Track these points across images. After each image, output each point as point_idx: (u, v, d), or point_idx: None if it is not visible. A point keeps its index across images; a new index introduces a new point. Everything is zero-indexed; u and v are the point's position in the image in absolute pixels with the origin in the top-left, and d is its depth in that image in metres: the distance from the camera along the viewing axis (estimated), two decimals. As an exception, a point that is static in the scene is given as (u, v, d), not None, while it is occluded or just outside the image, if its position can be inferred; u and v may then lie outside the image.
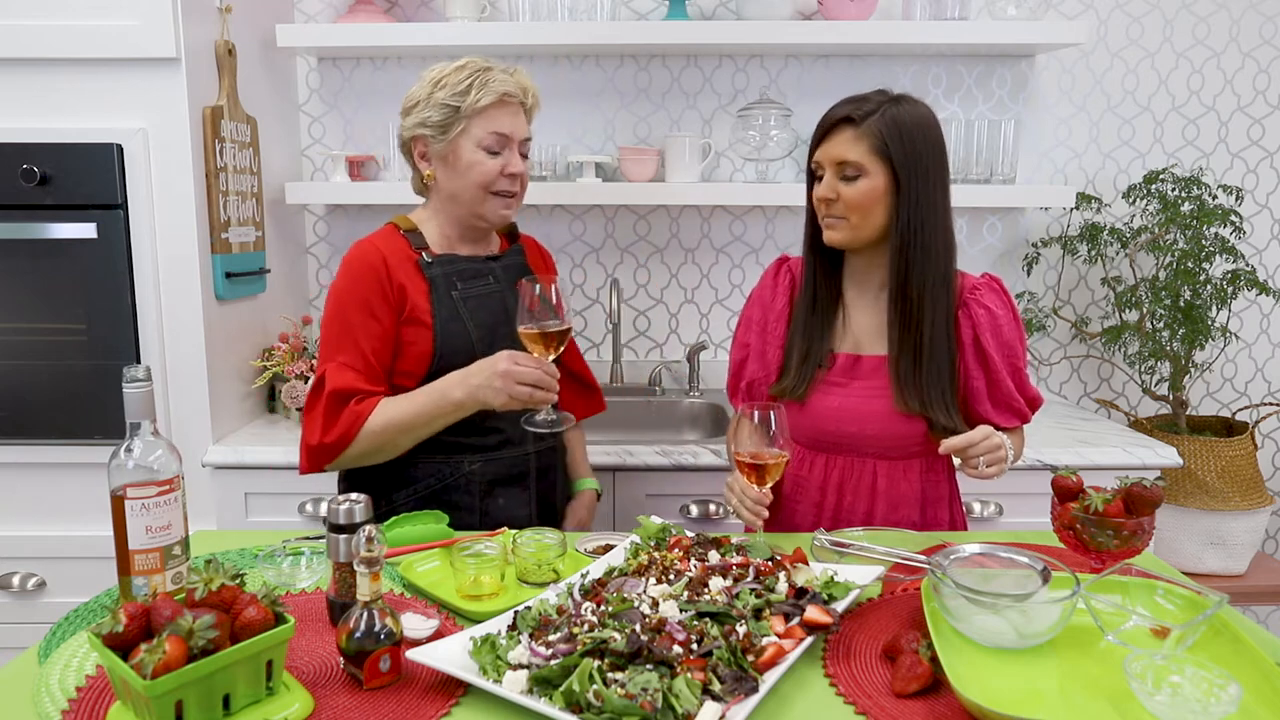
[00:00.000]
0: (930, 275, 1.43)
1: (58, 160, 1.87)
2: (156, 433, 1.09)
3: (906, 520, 1.51)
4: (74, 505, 2.02)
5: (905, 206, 1.40)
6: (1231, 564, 2.31)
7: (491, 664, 0.95)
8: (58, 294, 1.92)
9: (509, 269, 1.64)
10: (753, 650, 0.97)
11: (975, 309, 1.47)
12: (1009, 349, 1.48)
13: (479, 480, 1.56)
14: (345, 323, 1.49)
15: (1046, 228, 2.60)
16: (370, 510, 1.12)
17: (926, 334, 1.43)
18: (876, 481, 1.51)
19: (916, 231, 1.41)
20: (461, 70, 1.51)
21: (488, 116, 1.50)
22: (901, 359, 1.45)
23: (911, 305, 1.43)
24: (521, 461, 1.60)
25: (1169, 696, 0.89)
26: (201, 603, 0.91)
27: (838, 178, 1.42)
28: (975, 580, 1.07)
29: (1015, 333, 1.49)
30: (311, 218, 2.59)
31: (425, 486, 1.55)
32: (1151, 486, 1.20)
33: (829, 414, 1.50)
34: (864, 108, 1.40)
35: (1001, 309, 1.48)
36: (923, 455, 1.51)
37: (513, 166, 1.53)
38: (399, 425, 1.44)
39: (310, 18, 2.50)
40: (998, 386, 1.48)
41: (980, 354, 1.47)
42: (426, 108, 1.51)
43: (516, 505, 1.59)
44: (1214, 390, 2.68)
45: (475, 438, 1.54)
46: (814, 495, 1.54)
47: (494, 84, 1.50)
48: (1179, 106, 2.55)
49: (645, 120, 2.55)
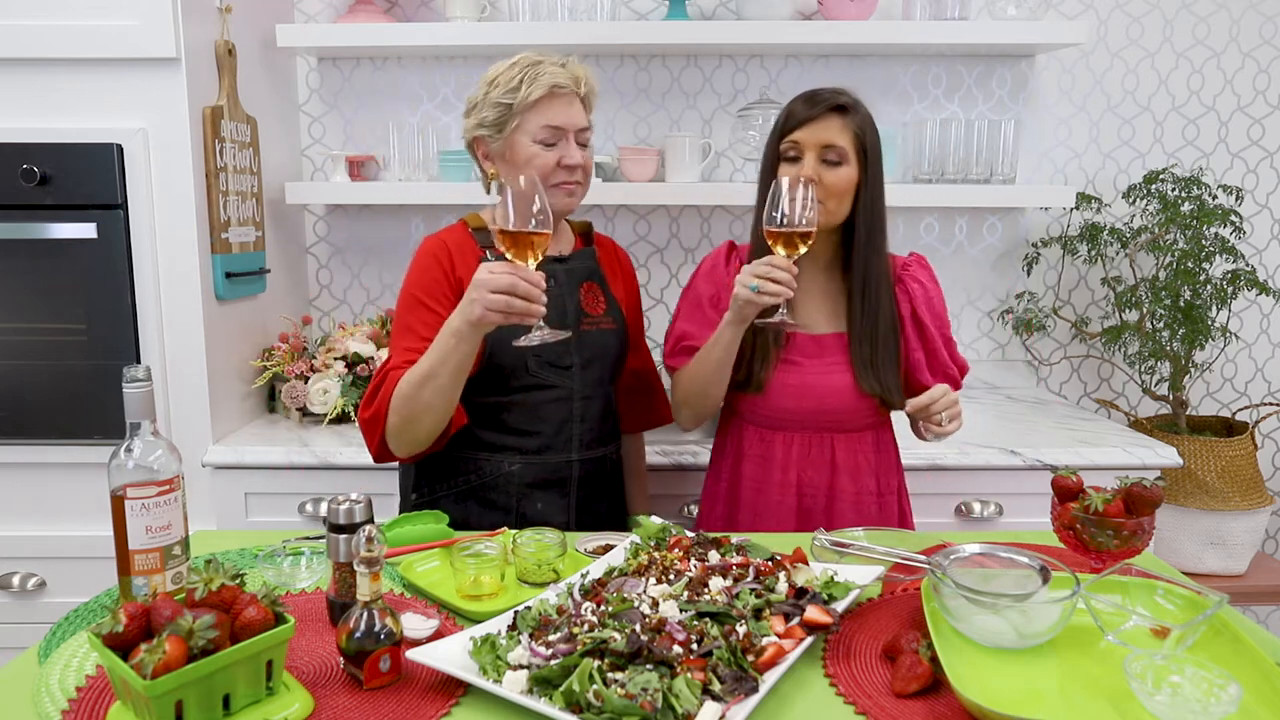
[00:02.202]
0: (883, 266, 1.54)
1: (58, 160, 1.87)
2: (156, 433, 1.09)
3: (864, 489, 1.58)
4: (74, 505, 2.02)
5: (867, 200, 1.50)
6: (1231, 564, 2.31)
7: (491, 664, 0.95)
8: (58, 294, 1.92)
9: (574, 273, 1.61)
10: (753, 650, 0.97)
11: (910, 284, 1.58)
12: (940, 320, 1.59)
13: (517, 481, 1.56)
14: (409, 311, 1.51)
15: (1046, 228, 2.60)
16: (370, 510, 1.12)
17: (882, 316, 1.53)
18: (835, 455, 1.56)
19: (875, 220, 1.52)
20: (514, 67, 1.50)
21: (539, 110, 1.49)
22: (861, 345, 1.54)
23: (871, 290, 1.53)
24: (563, 468, 1.58)
25: (1169, 696, 0.89)
26: (201, 603, 0.91)
27: (819, 161, 1.46)
28: (975, 580, 1.07)
29: (942, 305, 1.61)
30: (311, 218, 2.59)
31: (465, 482, 1.56)
32: (1151, 486, 1.20)
33: (789, 391, 1.55)
34: (850, 100, 1.48)
35: (930, 283, 1.60)
36: (875, 426, 1.60)
37: (570, 158, 1.51)
38: (419, 379, 1.40)
39: (310, 18, 2.50)
40: (935, 356, 1.58)
41: (918, 326, 1.57)
42: (483, 108, 1.52)
43: (554, 511, 1.58)
44: (1214, 390, 2.68)
45: (516, 438, 1.55)
46: (777, 475, 1.57)
47: (544, 77, 1.48)
48: (1179, 106, 2.55)
49: (645, 120, 2.55)
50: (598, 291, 1.64)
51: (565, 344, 1.53)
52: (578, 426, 1.58)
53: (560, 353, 1.55)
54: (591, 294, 1.63)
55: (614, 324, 1.64)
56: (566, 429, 1.57)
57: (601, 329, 1.61)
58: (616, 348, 1.64)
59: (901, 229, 2.59)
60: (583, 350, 1.58)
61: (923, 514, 1.99)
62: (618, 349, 1.65)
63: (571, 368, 1.57)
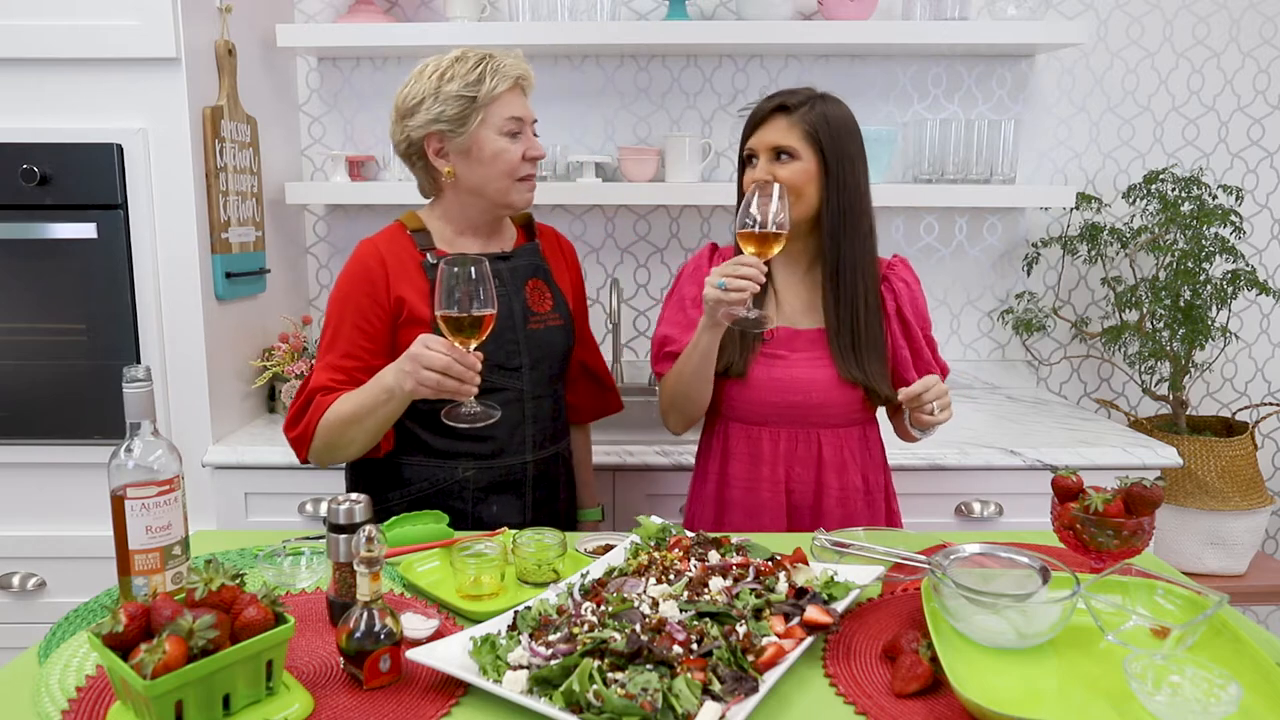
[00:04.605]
0: (859, 254, 1.54)
1: (58, 160, 1.87)
2: (156, 433, 1.09)
3: (851, 485, 1.58)
4: (74, 505, 2.02)
5: (834, 190, 1.51)
6: (1231, 564, 2.31)
7: (491, 664, 0.95)
8: (58, 294, 1.92)
9: (518, 271, 1.59)
10: (753, 650, 0.97)
11: (895, 283, 1.60)
12: (923, 319, 1.62)
13: (472, 487, 1.55)
14: (338, 324, 1.50)
15: (1046, 228, 2.60)
16: (370, 510, 1.12)
17: (860, 309, 1.54)
18: (822, 450, 1.57)
19: (846, 213, 1.52)
20: (464, 61, 1.47)
21: (503, 102, 1.48)
22: (840, 333, 1.55)
23: (845, 282, 1.54)
24: (518, 469, 1.57)
25: (1169, 696, 0.89)
26: (201, 603, 0.91)
27: (771, 161, 1.51)
28: (975, 580, 1.07)
29: (924, 304, 1.64)
30: (311, 218, 2.59)
31: (418, 490, 1.54)
32: (1151, 486, 1.20)
33: (773, 385, 1.55)
34: (795, 99, 1.51)
35: (914, 283, 1.63)
36: (861, 422, 1.60)
37: (534, 149, 1.52)
38: (347, 417, 1.43)
39: (310, 18, 2.50)
40: (919, 354, 1.60)
41: (903, 324, 1.59)
42: (437, 103, 1.46)
43: (509, 512, 1.57)
44: (1214, 390, 2.68)
45: (469, 444, 1.53)
46: (766, 471, 1.57)
47: (505, 69, 1.47)
48: (1179, 106, 2.55)
49: (645, 120, 2.55)
50: (543, 288, 1.62)
51: (514, 345, 1.52)
52: (530, 427, 1.57)
53: (509, 354, 1.53)
54: (537, 291, 1.61)
55: (561, 320, 1.63)
56: (519, 431, 1.56)
57: (549, 326, 1.60)
58: (564, 344, 1.64)
59: (902, 229, 2.60)
60: (532, 350, 1.56)
61: (923, 514, 2.00)
62: (565, 345, 1.64)
63: (521, 369, 1.55)
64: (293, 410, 1.50)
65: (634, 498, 2.05)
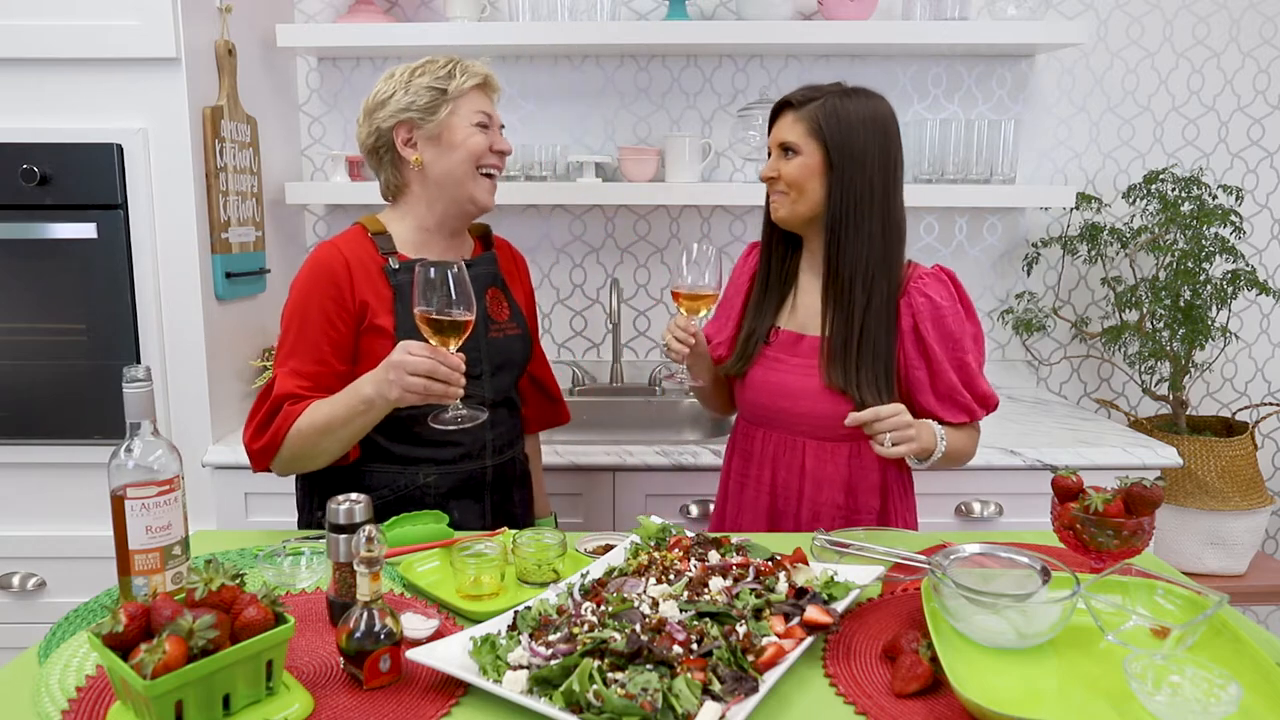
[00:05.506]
0: (865, 258, 1.46)
1: (58, 160, 1.87)
2: (156, 433, 1.09)
3: (831, 501, 1.53)
4: (74, 505, 2.02)
5: (837, 187, 1.45)
6: (1231, 564, 2.31)
7: (491, 664, 0.95)
8: (58, 294, 1.92)
9: (478, 279, 1.56)
10: (753, 650, 0.97)
11: (916, 297, 1.48)
12: (952, 340, 1.48)
13: (434, 492, 1.54)
14: (301, 328, 1.46)
15: (1046, 228, 2.60)
16: (370, 510, 1.12)
17: (859, 315, 1.46)
18: (805, 460, 1.54)
19: (848, 213, 1.45)
20: (433, 62, 1.52)
21: (472, 98, 1.52)
22: (834, 337, 1.49)
23: (843, 284, 1.47)
24: (478, 474, 1.57)
25: (1169, 696, 0.89)
26: (201, 603, 0.91)
27: (779, 157, 1.50)
28: (975, 580, 1.07)
29: (962, 326, 1.49)
30: (311, 218, 2.59)
31: (379, 496, 1.51)
32: (1151, 486, 1.20)
33: (765, 388, 1.56)
34: (807, 94, 1.49)
35: (946, 299, 1.48)
36: (850, 440, 1.52)
37: (500, 143, 1.54)
38: (320, 427, 1.40)
39: (310, 18, 2.50)
40: (939, 378, 1.48)
41: (920, 343, 1.48)
42: (407, 95, 1.48)
43: (470, 517, 1.57)
44: (1214, 390, 2.68)
45: (431, 449, 1.52)
46: (754, 470, 1.59)
47: (474, 69, 1.52)
48: (1179, 106, 2.55)
49: (645, 120, 2.55)
50: (501, 297, 1.63)
51: (476, 352, 1.52)
52: (490, 433, 1.58)
53: (472, 360, 1.50)
54: (496, 300, 1.62)
55: (519, 329, 1.65)
56: (480, 436, 1.56)
57: (508, 335, 1.61)
58: (522, 352, 1.65)
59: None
60: (492, 357, 1.57)
61: (923, 514, 1.99)
62: (523, 353, 1.66)
63: (481, 376, 1.55)
64: (257, 419, 1.44)
65: (634, 498, 2.05)
